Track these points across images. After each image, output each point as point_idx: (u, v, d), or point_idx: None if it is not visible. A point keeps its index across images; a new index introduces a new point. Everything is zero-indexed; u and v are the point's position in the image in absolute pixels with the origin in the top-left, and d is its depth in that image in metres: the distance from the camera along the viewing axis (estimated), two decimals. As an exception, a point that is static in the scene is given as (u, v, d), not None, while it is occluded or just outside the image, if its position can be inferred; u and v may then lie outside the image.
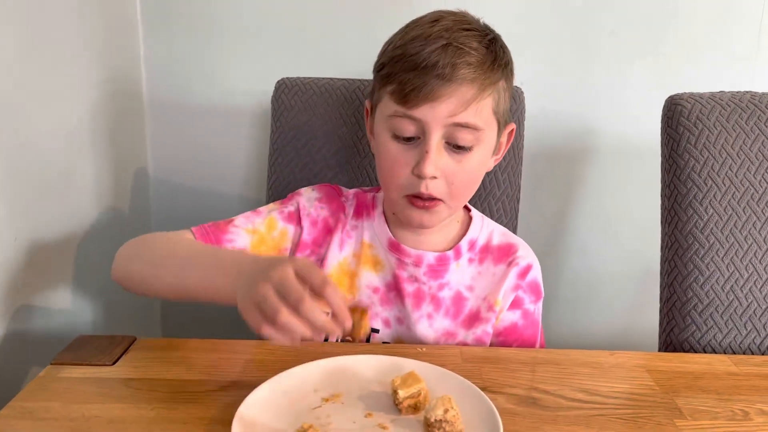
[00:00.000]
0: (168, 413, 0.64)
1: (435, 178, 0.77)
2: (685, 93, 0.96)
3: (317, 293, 0.58)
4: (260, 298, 0.57)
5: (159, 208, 1.37)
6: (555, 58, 1.26)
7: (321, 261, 0.87)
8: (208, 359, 0.75)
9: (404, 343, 0.85)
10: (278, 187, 1.08)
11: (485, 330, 0.86)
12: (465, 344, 0.86)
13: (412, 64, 0.75)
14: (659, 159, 0.98)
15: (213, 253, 0.74)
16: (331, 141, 1.07)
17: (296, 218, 0.89)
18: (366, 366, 0.71)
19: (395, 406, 0.64)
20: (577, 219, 1.36)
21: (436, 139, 0.76)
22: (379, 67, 0.80)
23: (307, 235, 0.88)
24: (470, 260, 0.88)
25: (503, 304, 0.87)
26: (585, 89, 1.28)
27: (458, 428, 0.59)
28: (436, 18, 0.78)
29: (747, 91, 0.96)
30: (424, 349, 0.79)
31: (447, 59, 0.74)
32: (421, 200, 0.79)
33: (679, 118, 0.93)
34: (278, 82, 1.09)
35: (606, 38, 1.24)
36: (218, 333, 0.87)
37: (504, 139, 0.86)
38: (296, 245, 0.88)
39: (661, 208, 0.97)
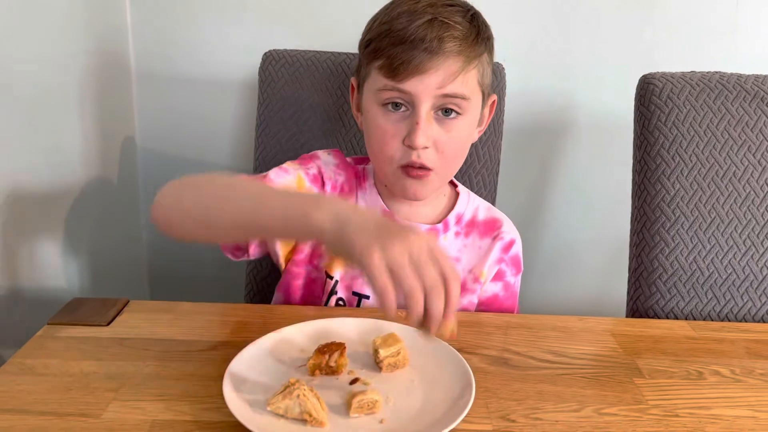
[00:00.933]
0: (162, 370, 0.68)
1: (426, 147, 0.80)
2: (657, 72, 1.00)
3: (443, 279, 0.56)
4: (398, 262, 0.55)
5: (146, 177, 1.39)
6: (536, 36, 1.29)
7: None
8: (199, 321, 0.79)
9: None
10: (265, 157, 1.11)
11: (471, 300, 0.91)
12: None
13: (400, 38, 0.77)
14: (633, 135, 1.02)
15: (295, 192, 0.76)
16: (317, 113, 1.09)
17: (320, 181, 0.89)
18: (349, 327, 0.75)
19: (376, 364, 0.68)
20: (553, 192, 1.40)
21: (425, 110, 0.79)
22: (366, 43, 0.82)
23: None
24: (457, 233, 0.91)
25: (488, 275, 0.91)
26: (565, 66, 1.31)
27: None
28: None
29: (716, 72, 1.00)
30: (404, 314, 0.83)
31: (434, 33, 0.76)
32: (414, 169, 0.82)
33: (651, 97, 0.97)
34: (265, 54, 1.11)
35: (586, 15, 1.27)
36: (205, 297, 0.89)
37: (487, 110, 0.89)
38: None
39: (632, 183, 1.01)
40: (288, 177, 0.87)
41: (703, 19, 1.28)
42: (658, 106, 0.97)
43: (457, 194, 0.94)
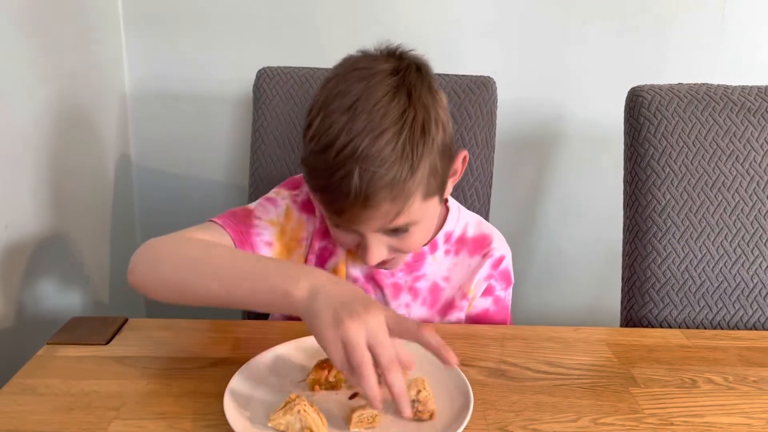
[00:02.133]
0: (162, 388, 0.68)
1: (383, 260, 0.79)
2: (646, 85, 1.02)
3: (414, 338, 0.61)
4: (350, 341, 0.57)
5: (142, 195, 1.39)
6: (526, 48, 1.31)
7: (334, 246, 0.88)
8: (198, 338, 0.80)
9: None
10: (261, 174, 1.12)
11: (459, 317, 0.91)
12: None
13: (328, 186, 0.71)
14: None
15: (276, 261, 0.73)
16: (311, 129, 1.10)
17: (310, 207, 0.87)
18: (347, 343, 0.76)
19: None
20: (546, 203, 1.42)
21: (372, 239, 0.76)
22: (303, 160, 0.76)
23: (321, 222, 0.87)
24: (446, 252, 0.91)
25: (475, 292, 0.91)
26: (555, 78, 1.33)
27: (430, 408, 0.63)
28: (350, 104, 0.70)
29: (703, 83, 1.02)
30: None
31: (360, 187, 0.69)
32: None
33: (640, 109, 0.99)
34: (259, 71, 1.13)
35: (577, 28, 1.29)
36: (201, 314, 0.89)
37: (458, 166, 0.82)
38: (312, 234, 0.88)
39: (624, 194, 1.03)
40: (275, 211, 0.86)
41: (689, 32, 1.30)
42: (647, 118, 0.98)
43: (447, 210, 0.92)
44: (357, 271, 0.89)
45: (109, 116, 1.27)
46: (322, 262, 0.89)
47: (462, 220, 0.92)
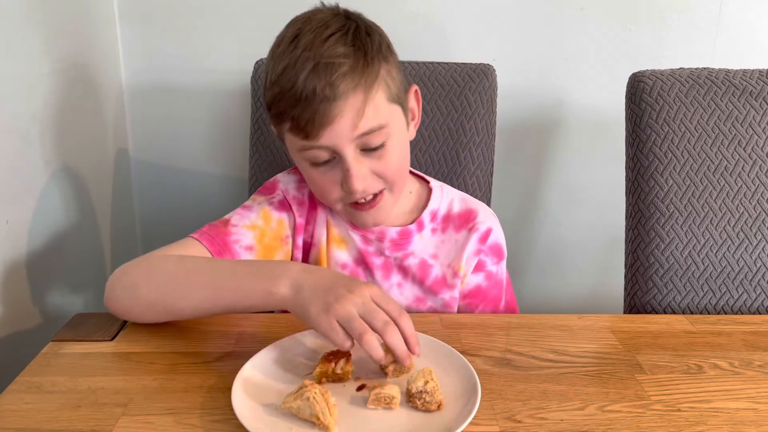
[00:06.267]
0: (169, 383, 0.68)
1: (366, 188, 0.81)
2: (647, 70, 1.01)
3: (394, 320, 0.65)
4: (344, 318, 0.63)
5: (141, 189, 1.39)
6: (525, 34, 1.30)
7: (311, 238, 0.90)
8: (203, 332, 0.79)
9: None
10: (260, 165, 1.11)
11: (452, 295, 0.91)
12: (435, 310, 0.91)
13: (294, 98, 0.74)
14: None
15: (250, 263, 0.76)
16: (311, 120, 1.10)
17: (286, 205, 0.90)
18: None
19: (382, 370, 0.69)
20: (548, 190, 1.41)
21: (351, 155, 0.78)
22: (268, 107, 0.80)
23: (299, 217, 0.90)
24: (433, 230, 0.91)
25: (467, 269, 0.91)
26: (555, 64, 1.32)
27: (437, 399, 0.63)
28: (295, 34, 0.77)
29: (705, 68, 1.01)
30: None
31: (323, 81, 0.73)
32: (364, 204, 0.83)
33: (641, 95, 0.99)
34: (257, 62, 1.12)
35: (575, 14, 1.29)
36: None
37: (413, 104, 0.86)
38: (294, 230, 0.90)
39: (626, 180, 1.03)
40: (252, 216, 0.87)
41: (688, 17, 1.29)
42: (649, 104, 0.98)
43: (430, 190, 0.93)
44: (344, 257, 0.90)
45: (107, 111, 1.26)
46: (305, 255, 0.91)
47: (446, 197, 0.94)
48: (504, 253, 0.94)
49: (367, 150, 0.79)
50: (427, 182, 0.95)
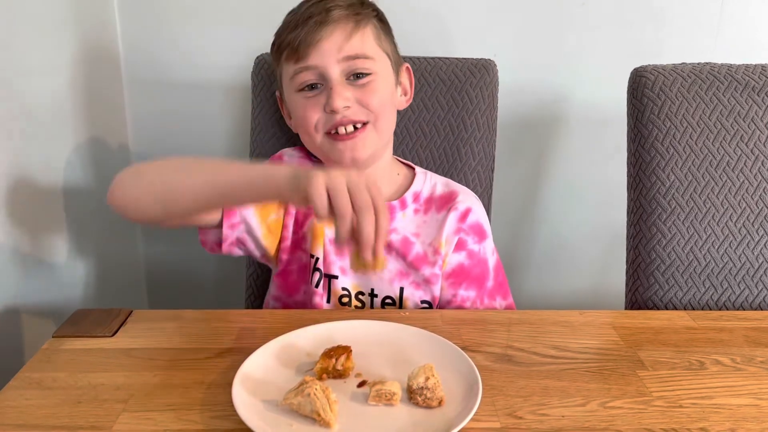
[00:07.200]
0: (169, 379, 0.68)
1: (348, 107, 0.85)
2: (649, 65, 1.01)
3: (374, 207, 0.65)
4: (335, 187, 0.63)
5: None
6: (527, 30, 1.29)
7: (307, 209, 0.92)
8: (203, 328, 0.79)
9: (362, 288, 0.92)
10: (261, 160, 1.11)
11: (433, 272, 0.92)
12: (416, 285, 0.92)
13: (294, 24, 0.86)
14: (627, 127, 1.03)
15: (248, 164, 0.78)
16: (311, 116, 1.09)
17: None
18: (354, 331, 0.76)
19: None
20: (549, 186, 1.41)
21: (335, 75, 0.85)
22: (274, 49, 0.91)
23: None
24: (416, 211, 0.94)
25: (447, 248, 0.92)
26: (556, 59, 1.31)
27: (438, 395, 0.63)
28: None
29: (707, 63, 1.01)
30: (407, 314, 0.84)
31: (320, 8, 0.85)
32: (344, 136, 0.87)
33: (643, 90, 0.98)
34: (258, 57, 1.11)
35: (576, 9, 1.28)
36: (203, 304, 0.90)
37: (404, 78, 0.96)
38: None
39: (627, 175, 1.02)
40: None
41: (689, 13, 1.28)
42: (651, 99, 0.98)
43: (414, 173, 0.98)
44: (331, 231, 0.91)
45: (106, 105, 1.26)
46: (298, 225, 0.94)
47: (429, 181, 0.98)
48: (486, 233, 0.96)
49: (352, 77, 0.86)
50: (413, 168, 0.99)
